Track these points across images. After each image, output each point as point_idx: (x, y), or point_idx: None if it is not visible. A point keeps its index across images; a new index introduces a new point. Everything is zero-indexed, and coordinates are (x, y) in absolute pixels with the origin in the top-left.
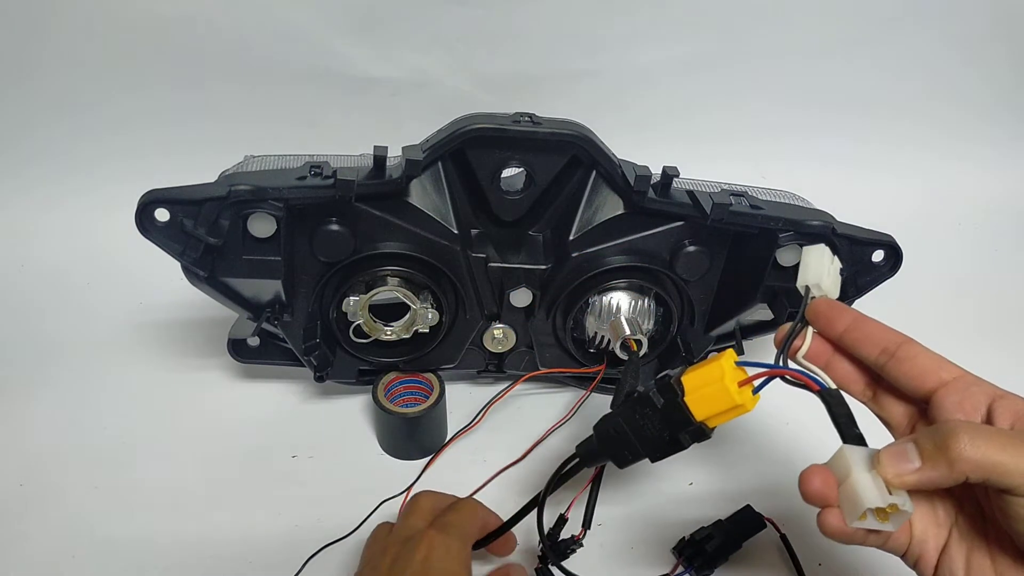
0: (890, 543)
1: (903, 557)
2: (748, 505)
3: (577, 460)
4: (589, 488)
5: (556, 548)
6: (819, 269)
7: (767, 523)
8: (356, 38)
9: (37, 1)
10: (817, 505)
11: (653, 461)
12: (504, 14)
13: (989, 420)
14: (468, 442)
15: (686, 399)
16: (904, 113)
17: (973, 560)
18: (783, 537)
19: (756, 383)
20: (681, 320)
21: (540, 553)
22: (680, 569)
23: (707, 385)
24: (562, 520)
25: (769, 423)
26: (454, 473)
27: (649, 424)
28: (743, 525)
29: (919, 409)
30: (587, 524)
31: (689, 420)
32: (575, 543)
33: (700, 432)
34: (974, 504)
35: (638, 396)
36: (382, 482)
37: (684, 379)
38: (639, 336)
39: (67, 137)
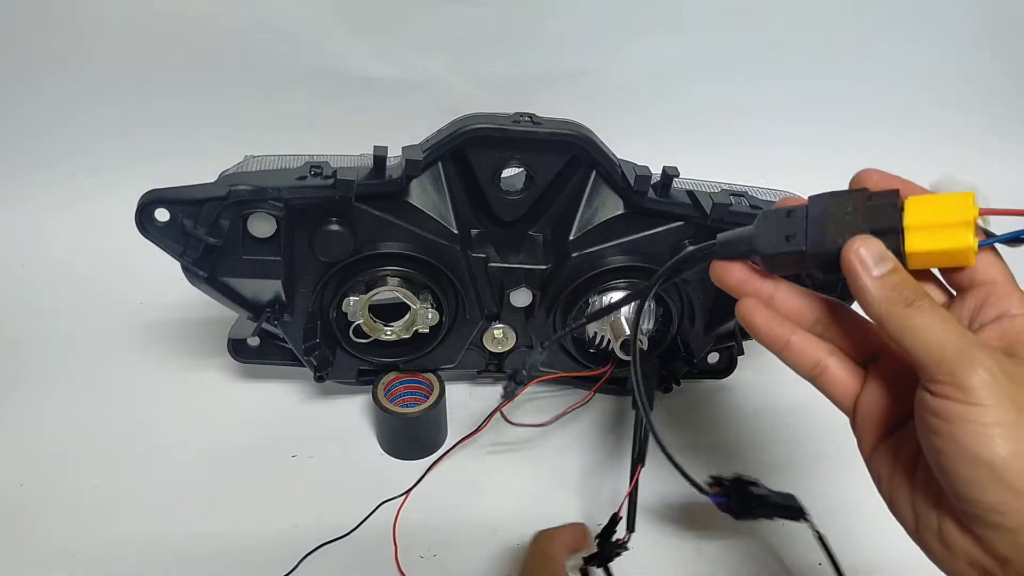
0: (833, 388)
1: (848, 414)
2: (793, 495)
3: (711, 247)
4: (631, 490)
5: (605, 550)
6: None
7: (806, 519)
8: (356, 38)
9: (38, 3)
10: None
11: (809, 264)
12: (504, 14)
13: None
14: (469, 444)
15: (904, 218)
16: (904, 113)
17: (896, 469)
18: (820, 536)
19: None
20: (681, 320)
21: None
22: (714, 493)
23: (939, 212)
24: (615, 519)
25: (769, 422)
26: (455, 475)
27: (839, 219)
28: (785, 503)
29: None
30: (631, 527)
31: (895, 229)
32: (621, 546)
33: (892, 234)
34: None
35: (845, 192)
36: (382, 482)
37: (909, 200)
38: (639, 336)
39: (67, 137)
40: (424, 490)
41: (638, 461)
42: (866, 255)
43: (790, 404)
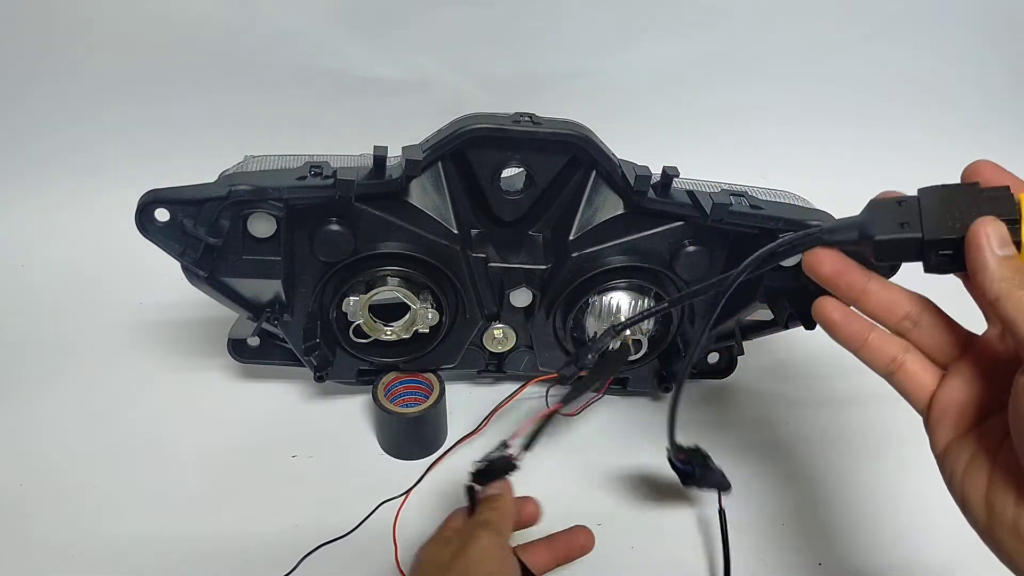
0: (909, 383)
1: (922, 412)
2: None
3: (818, 228)
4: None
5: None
6: None
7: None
8: (356, 38)
9: (37, 3)
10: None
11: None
12: (504, 14)
13: None
14: (469, 443)
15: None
16: (905, 112)
17: (973, 464)
18: (721, 512)
19: None
20: (681, 320)
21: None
22: (682, 460)
23: None
24: (503, 445)
25: (769, 422)
26: (455, 475)
27: (955, 208)
28: (722, 478)
29: None
30: (528, 447)
31: (1013, 220)
32: (510, 463)
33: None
34: (1001, 420)
35: (957, 184)
36: (382, 482)
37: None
38: (639, 336)
39: (67, 137)
40: (424, 490)
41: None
42: (993, 234)
43: (790, 404)
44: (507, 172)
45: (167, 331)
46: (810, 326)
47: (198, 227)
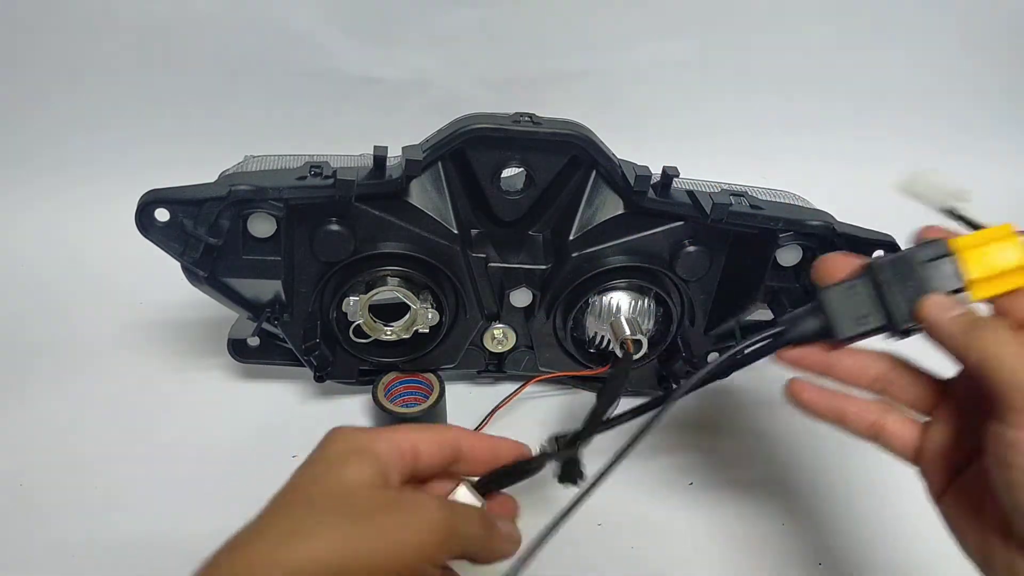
0: (894, 443)
1: (914, 465)
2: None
3: (780, 331)
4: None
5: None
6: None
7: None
8: (356, 38)
9: (38, 4)
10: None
11: (895, 328)
12: (504, 14)
13: None
14: None
15: (963, 254)
16: (905, 112)
17: (964, 509)
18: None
19: None
20: (681, 320)
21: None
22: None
23: (991, 241)
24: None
25: (768, 423)
26: None
27: (906, 286)
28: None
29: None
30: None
31: (959, 289)
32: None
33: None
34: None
35: (899, 255)
36: None
37: (963, 251)
38: (639, 336)
39: (65, 136)
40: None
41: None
42: (940, 308)
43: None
44: (507, 172)
45: (167, 331)
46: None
47: (198, 227)
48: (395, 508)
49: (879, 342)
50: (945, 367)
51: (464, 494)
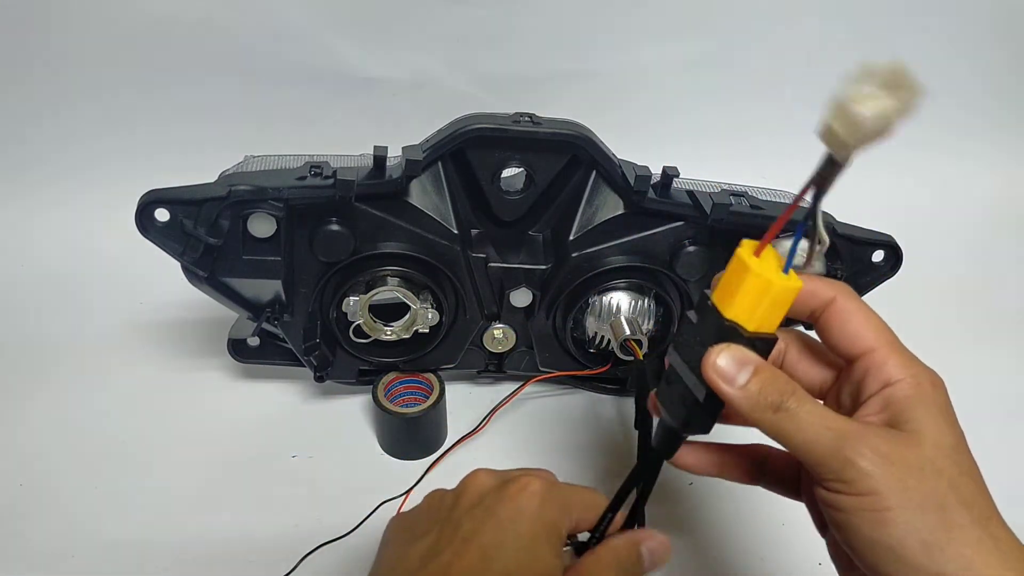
0: (777, 484)
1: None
2: None
3: (652, 450)
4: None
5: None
6: None
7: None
8: (356, 38)
9: (38, 3)
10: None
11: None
12: (504, 14)
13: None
14: (469, 443)
15: (713, 299)
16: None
17: (834, 552)
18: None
19: (779, 248)
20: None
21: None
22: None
23: (731, 274)
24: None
25: None
26: (455, 475)
27: (694, 352)
28: None
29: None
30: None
31: (720, 320)
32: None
33: (732, 332)
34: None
35: (679, 327)
36: (382, 482)
37: (715, 298)
38: (639, 336)
39: (66, 137)
40: (424, 490)
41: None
42: (724, 367)
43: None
44: (507, 172)
45: (167, 331)
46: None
47: (198, 227)
48: None
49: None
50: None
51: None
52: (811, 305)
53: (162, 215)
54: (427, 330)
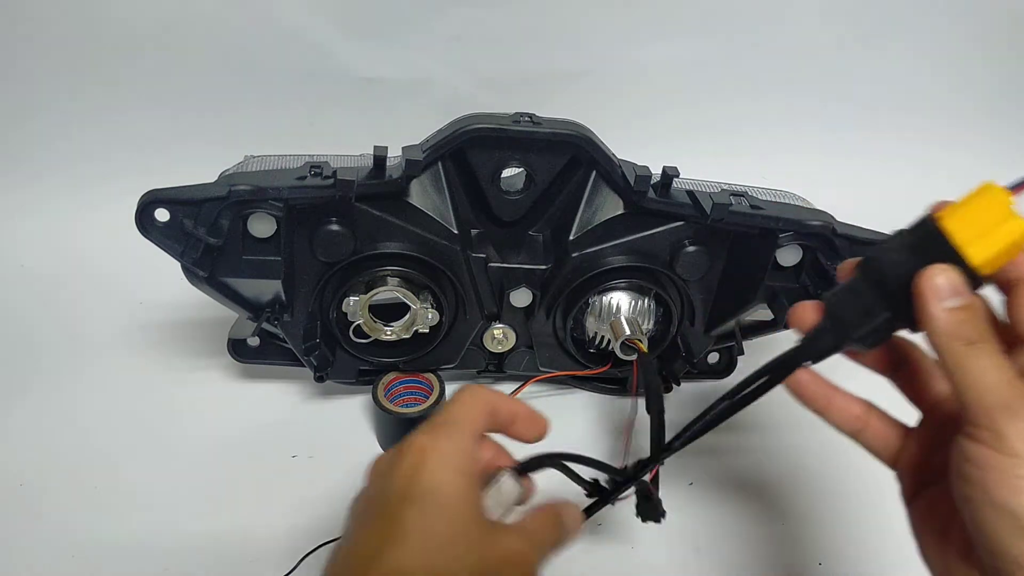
0: (875, 443)
1: (892, 468)
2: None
3: (797, 348)
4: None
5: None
6: None
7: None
8: (356, 38)
9: (39, 5)
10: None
11: (910, 329)
12: (504, 14)
13: None
14: None
15: (945, 224)
16: (905, 112)
17: (930, 520)
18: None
19: None
20: (681, 320)
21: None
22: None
23: (978, 216)
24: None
25: (767, 422)
26: None
27: (899, 270)
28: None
29: None
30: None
31: (945, 245)
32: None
33: (955, 259)
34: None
35: (885, 242)
36: None
37: (944, 218)
38: (639, 336)
39: (66, 136)
40: None
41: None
42: (941, 285)
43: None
44: (507, 172)
45: (167, 331)
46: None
47: (198, 227)
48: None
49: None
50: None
51: (509, 483)
52: (1019, 271)
53: (162, 215)
54: (427, 330)
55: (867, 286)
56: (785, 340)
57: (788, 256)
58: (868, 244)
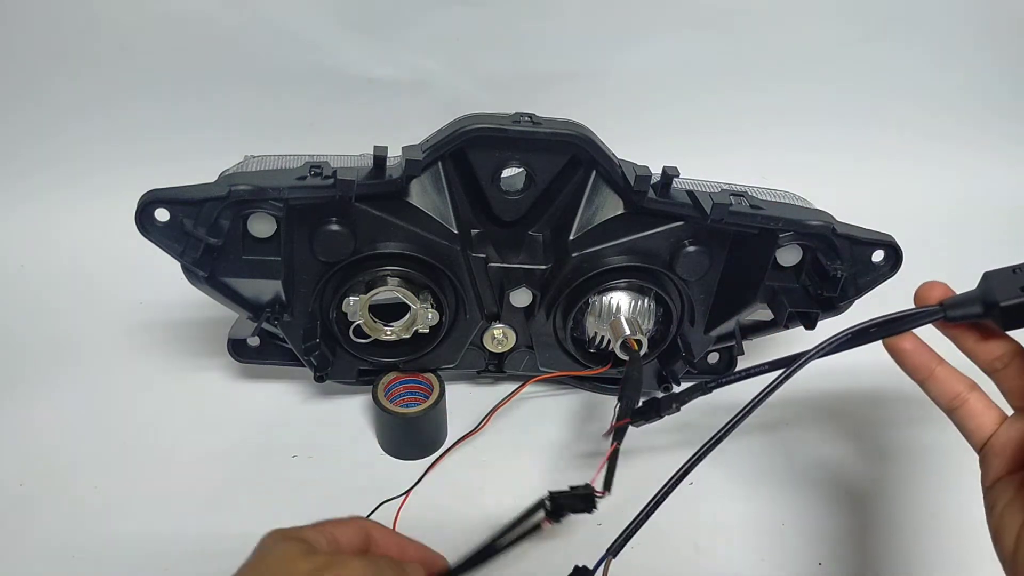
0: (971, 421)
1: (978, 450)
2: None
3: (939, 308)
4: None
5: (568, 500)
6: None
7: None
8: (356, 38)
9: (39, 5)
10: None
11: None
12: (504, 14)
13: None
14: (469, 443)
15: None
16: (906, 111)
17: (1016, 501)
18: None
19: None
20: (681, 320)
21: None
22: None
23: None
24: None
25: (767, 423)
26: (455, 475)
27: None
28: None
29: None
30: (608, 486)
31: None
32: (589, 501)
33: None
34: None
35: None
36: (382, 482)
37: None
38: (639, 336)
39: (66, 137)
40: (424, 490)
41: (623, 415)
42: None
43: (788, 404)
44: (507, 172)
45: (167, 331)
46: (810, 326)
47: (198, 227)
48: (326, 566)
49: None
50: None
51: None
52: None
53: (162, 215)
54: (427, 330)
55: None
56: (786, 340)
57: (788, 256)
58: (868, 244)
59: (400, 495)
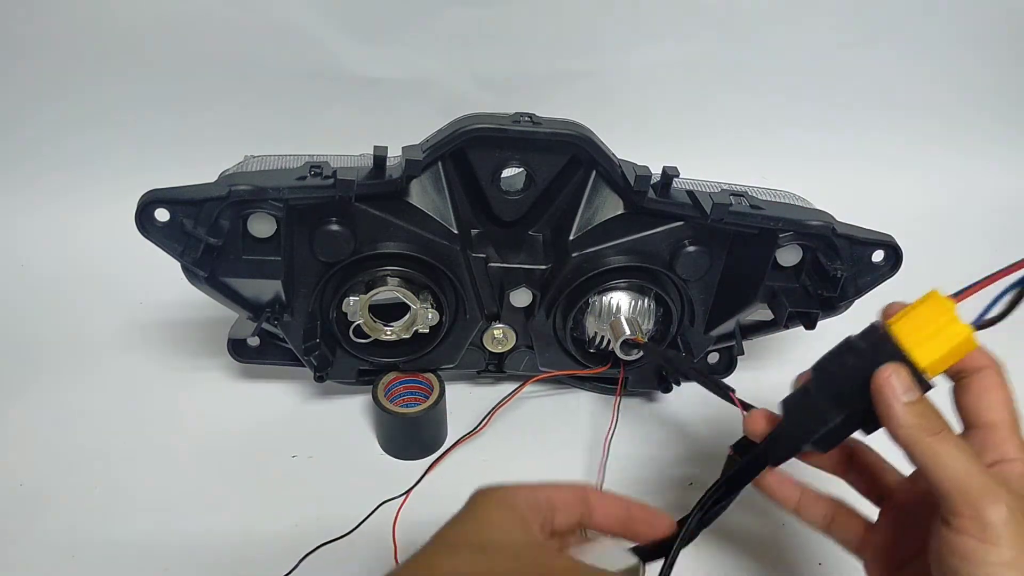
0: (842, 534)
1: (859, 557)
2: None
3: (763, 451)
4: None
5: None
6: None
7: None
8: (356, 38)
9: (39, 6)
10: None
11: (863, 431)
12: (504, 14)
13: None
14: (469, 443)
15: (892, 329)
16: (905, 112)
17: None
18: None
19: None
20: (681, 320)
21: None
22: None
23: (924, 322)
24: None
25: None
26: (455, 475)
27: (849, 375)
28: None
29: None
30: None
31: (896, 349)
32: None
33: (905, 361)
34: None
35: (837, 348)
36: (382, 482)
37: (893, 325)
38: (639, 336)
39: (67, 137)
40: (424, 490)
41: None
42: (896, 383)
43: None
44: (507, 172)
45: (167, 331)
46: (810, 326)
47: (198, 227)
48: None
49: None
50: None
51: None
52: (967, 365)
53: (162, 215)
54: (427, 330)
55: (820, 391)
56: (785, 340)
57: (788, 256)
58: (868, 244)
59: (400, 495)
